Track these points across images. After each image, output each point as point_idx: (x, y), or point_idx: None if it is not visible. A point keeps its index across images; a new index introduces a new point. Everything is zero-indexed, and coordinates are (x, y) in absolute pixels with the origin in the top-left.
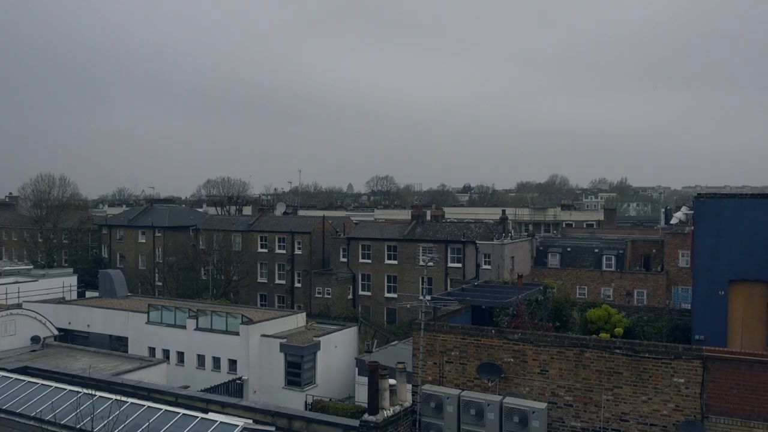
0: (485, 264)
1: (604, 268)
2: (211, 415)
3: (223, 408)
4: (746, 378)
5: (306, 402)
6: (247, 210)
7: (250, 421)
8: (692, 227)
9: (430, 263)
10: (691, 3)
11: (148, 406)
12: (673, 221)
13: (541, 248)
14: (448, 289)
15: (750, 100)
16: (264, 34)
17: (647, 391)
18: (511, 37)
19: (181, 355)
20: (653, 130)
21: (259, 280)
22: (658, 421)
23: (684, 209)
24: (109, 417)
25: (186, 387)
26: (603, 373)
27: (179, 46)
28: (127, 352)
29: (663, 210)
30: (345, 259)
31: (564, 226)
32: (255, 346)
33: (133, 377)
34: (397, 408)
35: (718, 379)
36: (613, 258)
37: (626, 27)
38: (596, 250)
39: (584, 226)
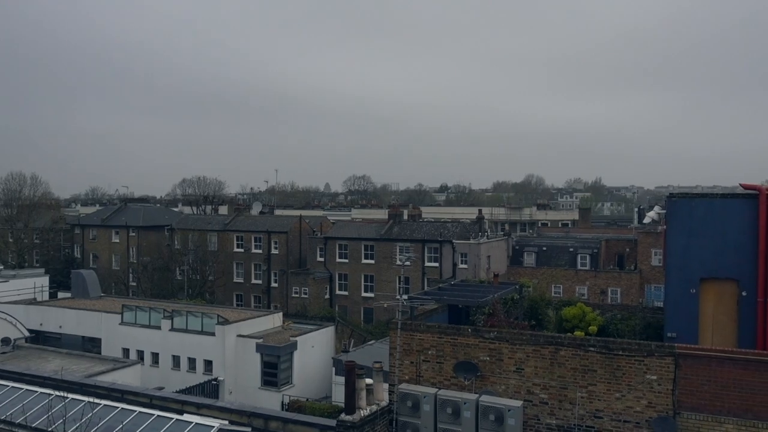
0: (462, 263)
1: (579, 267)
2: (186, 417)
3: (199, 409)
4: (717, 374)
5: (283, 402)
6: (223, 209)
7: (226, 422)
8: (665, 226)
9: (407, 263)
10: (660, 8)
11: (122, 408)
12: (646, 221)
13: (517, 247)
14: (425, 288)
15: (721, 102)
16: (241, 33)
17: (621, 388)
18: (487, 37)
19: (155, 356)
20: (627, 130)
21: (235, 280)
22: (632, 417)
23: (656, 209)
24: (81, 419)
25: (161, 388)
26: (577, 370)
27: (156, 42)
28: (100, 353)
29: (636, 209)
30: (322, 259)
31: (539, 225)
32: (231, 347)
33: (106, 379)
34: (374, 407)
35: (690, 376)
36: (588, 257)
37: (601, 30)
38: (571, 249)
39: (559, 225)
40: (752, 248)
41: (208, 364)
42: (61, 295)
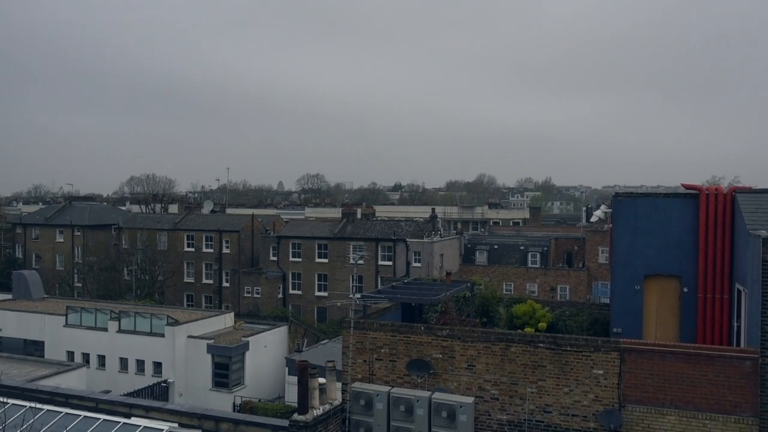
0: (415, 262)
1: (530, 264)
2: (134, 420)
3: (147, 412)
4: (659, 368)
5: (234, 403)
6: (174, 208)
7: (176, 425)
8: (611, 225)
9: (361, 261)
10: (607, 16)
11: (66, 413)
12: (593, 219)
13: (469, 246)
14: (379, 287)
15: (663, 105)
16: (193, 29)
17: (569, 382)
18: (442, 38)
19: (102, 359)
20: (576, 132)
21: (185, 280)
22: (579, 411)
23: (603, 208)
24: (22, 425)
25: (107, 392)
26: (527, 366)
27: (102, 35)
28: (43, 356)
29: (584, 209)
30: (275, 258)
31: (491, 224)
32: (181, 348)
33: (49, 383)
34: (327, 407)
35: (634, 370)
36: (538, 255)
37: (552, 34)
38: (522, 248)
39: (511, 224)
40: (693, 246)
41: (158, 366)
42: (1, 296)
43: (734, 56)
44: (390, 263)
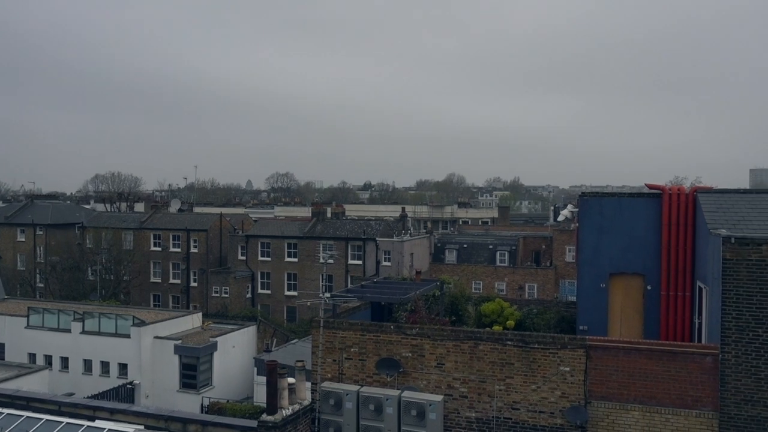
0: (385, 261)
1: (498, 263)
2: (98, 423)
3: (112, 414)
4: (624, 364)
5: (202, 404)
6: (140, 207)
7: (141, 427)
8: (577, 224)
9: (330, 260)
10: (577, 14)
11: (27, 417)
12: (560, 218)
13: (438, 245)
14: (349, 286)
15: (630, 105)
16: (162, 27)
17: (536, 380)
18: (411, 37)
19: (65, 361)
20: (544, 132)
21: (152, 280)
22: (546, 408)
23: (570, 207)
24: None
25: (71, 394)
26: (496, 364)
27: (65, 30)
28: (3, 359)
29: (552, 208)
30: (244, 258)
31: (461, 223)
32: (147, 349)
33: (9, 386)
34: (296, 407)
35: (600, 367)
36: (507, 254)
37: (520, 33)
38: (491, 247)
39: (480, 223)
40: (656, 245)
41: (123, 367)
42: None
43: (696, 62)
44: (360, 262)
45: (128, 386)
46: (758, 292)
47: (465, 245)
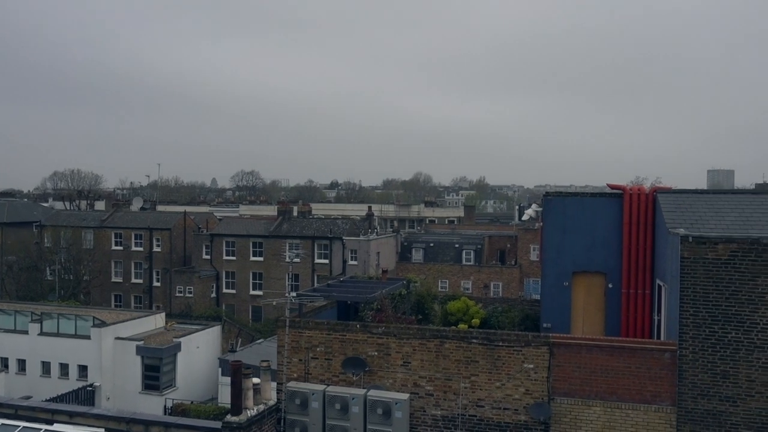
0: (352, 260)
1: (464, 262)
2: (56, 427)
3: (71, 418)
4: (586, 361)
5: (166, 406)
6: (100, 205)
7: (102, 430)
8: (541, 223)
9: (296, 259)
10: (541, 17)
11: None
12: (525, 218)
13: (405, 244)
14: (315, 285)
15: (593, 107)
16: (124, 19)
17: (501, 377)
18: (377, 36)
19: (22, 363)
20: (509, 132)
21: (113, 280)
22: (511, 405)
23: (534, 206)
24: None
25: (28, 397)
26: (461, 362)
27: (18, 20)
28: None
29: (517, 207)
30: (208, 257)
31: (427, 222)
32: (108, 350)
33: None
34: (261, 407)
35: (563, 364)
36: (472, 253)
37: (486, 33)
38: (457, 246)
39: (446, 222)
40: (617, 244)
41: (83, 369)
42: None
43: (655, 65)
44: (326, 261)
45: (88, 388)
46: (714, 290)
47: (431, 244)
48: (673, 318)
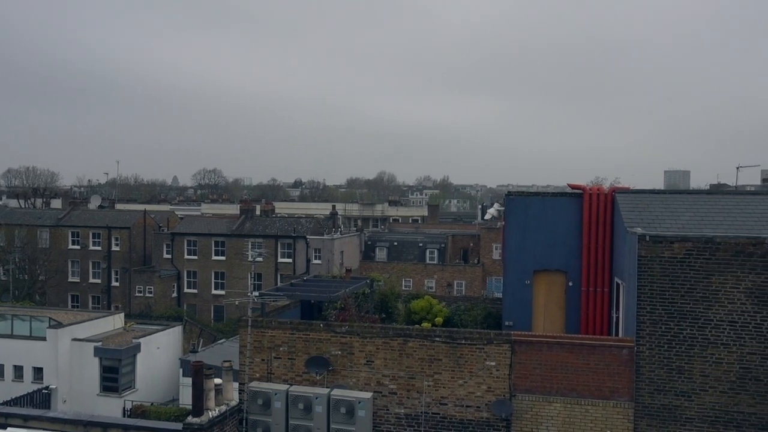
0: (316, 259)
1: (428, 261)
2: (10, 431)
3: (26, 421)
4: (547, 358)
5: (125, 408)
6: (57, 203)
7: None
8: (503, 222)
9: (259, 258)
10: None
11: None
12: (487, 217)
13: (369, 243)
14: (278, 284)
15: (554, 107)
16: (79, 13)
17: (463, 375)
18: (340, 34)
19: None
20: (472, 132)
21: (70, 280)
22: (473, 402)
23: (496, 206)
24: None
25: None
26: (424, 360)
27: None
28: None
29: (480, 206)
30: (169, 256)
31: (391, 221)
32: (65, 352)
33: None
34: (223, 407)
35: (524, 361)
36: (436, 251)
37: (450, 35)
38: (420, 245)
39: (410, 221)
40: (577, 242)
41: (38, 371)
42: None
43: (614, 66)
44: (290, 260)
45: (44, 391)
46: (670, 288)
47: (395, 243)
48: (631, 315)
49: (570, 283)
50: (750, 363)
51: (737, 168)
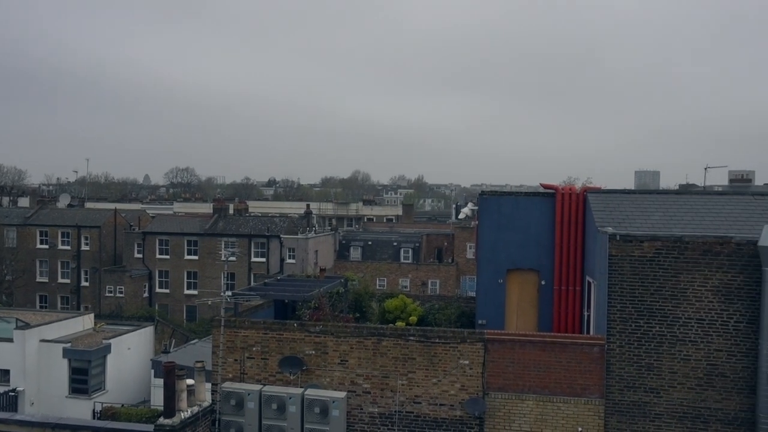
0: (290, 258)
1: (402, 260)
2: None
3: None
4: (519, 356)
5: (94, 410)
6: (24, 201)
7: None
8: (477, 222)
9: (232, 258)
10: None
11: None
12: (461, 216)
13: (343, 242)
14: (252, 284)
15: (526, 108)
16: (48, 8)
17: (437, 373)
18: (315, 32)
19: None
20: (446, 131)
21: (38, 280)
22: (447, 400)
23: (470, 205)
24: None
25: None
26: (398, 359)
27: None
28: None
29: (454, 206)
30: (140, 255)
31: (365, 220)
32: (32, 353)
33: None
34: (196, 408)
35: (497, 359)
36: (410, 251)
37: (425, 34)
38: (395, 244)
39: (384, 220)
40: (550, 242)
41: (5, 373)
42: None
43: (586, 67)
44: (263, 260)
45: (11, 394)
46: (640, 286)
47: (370, 242)
48: (602, 313)
49: (543, 282)
50: (717, 360)
51: (705, 168)
